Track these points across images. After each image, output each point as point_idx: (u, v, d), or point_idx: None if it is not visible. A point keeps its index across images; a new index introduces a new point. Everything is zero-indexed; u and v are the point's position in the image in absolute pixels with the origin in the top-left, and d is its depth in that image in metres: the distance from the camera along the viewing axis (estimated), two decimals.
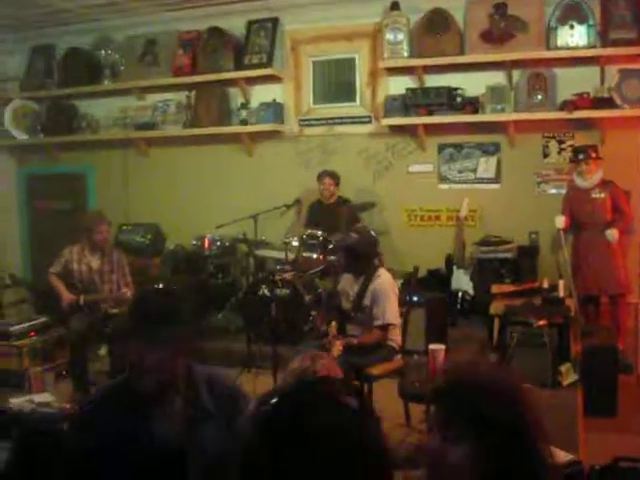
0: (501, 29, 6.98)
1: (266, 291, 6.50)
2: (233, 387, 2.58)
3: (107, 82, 8.48)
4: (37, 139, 8.95)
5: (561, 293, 6.08)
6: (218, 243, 7.71)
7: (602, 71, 6.85)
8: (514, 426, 1.47)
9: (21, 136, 8.94)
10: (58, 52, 8.85)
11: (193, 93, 8.13)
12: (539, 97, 6.94)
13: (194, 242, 7.79)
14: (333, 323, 4.99)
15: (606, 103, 6.69)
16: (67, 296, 6.26)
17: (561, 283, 6.14)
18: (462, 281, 6.95)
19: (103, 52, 8.51)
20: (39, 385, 6.28)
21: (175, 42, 8.22)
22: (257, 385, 5.78)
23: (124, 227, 8.15)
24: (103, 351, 6.82)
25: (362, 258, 5.13)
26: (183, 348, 2.28)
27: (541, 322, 5.51)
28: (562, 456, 3.29)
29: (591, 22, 6.77)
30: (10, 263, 8.83)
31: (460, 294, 6.90)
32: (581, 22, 6.79)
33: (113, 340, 6.15)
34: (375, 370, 4.86)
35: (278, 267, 6.79)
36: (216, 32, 7.92)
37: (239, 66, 7.87)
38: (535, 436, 1.50)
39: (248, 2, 7.80)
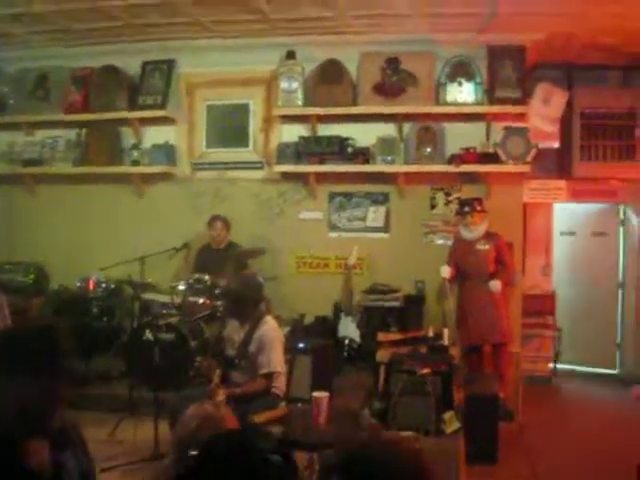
0: (393, 83, 7.17)
1: (150, 335, 6.34)
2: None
3: None
4: None
5: (445, 341, 6.19)
6: (103, 285, 7.50)
7: (488, 127, 7.15)
8: None
9: None
10: None
11: (84, 131, 7.96)
12: (428, 150, 7.14)
13: (79, 283, 7.54)
14: (217, 370, 4.92)
15: (491, 158, 6.95)
16: None
17: (445, 331, 6.26)
18: (349, 328, 6.97)
19: None
20: None
21: (68, 78, 8.04)
22: (138, 431, 5.65)
23: (6, 266, 7.85)
24: None
25: (247, 304, 5.09)
26: (52, 385, 2.21)
27: (425, 370, 5.56)
28: None
29: (478, 80, 7.06)
30: None
31: (347, 341, 6.91)
32: (469, 80, 7.07)
33: None
34: (258, 418, 4.78)
35: (164, 311, 6.67)
36: (110, 70, 7.82)
37: (133, 106, 7.79)
38: None
39: (144, 42, 7.73)
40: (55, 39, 7.83)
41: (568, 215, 8.82)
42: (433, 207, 7.31)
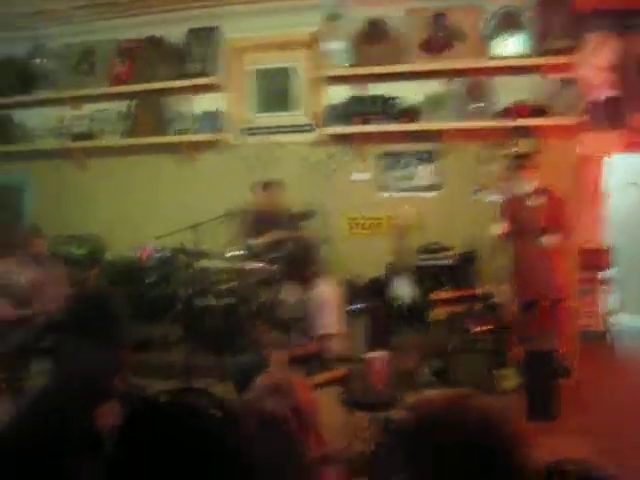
0: (439, 38, 7.06)
1: (206, 301, 6.43)
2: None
3: (42, 91, 8.32)
4: None
5: (500, 299, 6.14)
6: (158, 254, 7.62)
7: (538, 80, 6.97)
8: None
9: None
10: None
11: (132, 102, 8.02)
12: (477, 105, 7.03)
13: (133, 253, 7.68)
14: (275, 334, 4.97)
15: (542, 111, 6.81)
16: (2, 309, 6.11)
17: (500, 289, 6.21)
18: (403, 288, 6.94)
19: (38, 61, 8.35)
20: None
21: (113, 51, 8.10)
22: None
23: (61, 239, 7.98)
24: (39, 366, 6.67)
25: (302, 267, 5.10)
26: (118, 351, 2.22)
27: (481, 328, 5.56)
28: None
29: (527, 31, 6.89)
30: None
31: (401, 301, 6.90)
32: (517, 31, 6.92)
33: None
34: (317, 379, 4.83)
35: (218, 277, 6.71)
36: (155, 41, 7.86)
37: (179, 75, 7.81)
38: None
39: (188, 10, 7.74)
40: (98, 12, 7.89)
41: (627, 166, 8.59)
42: (483, 163, 7.21)
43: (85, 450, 2.07)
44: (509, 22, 6.95)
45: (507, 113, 6.86)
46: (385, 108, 7.09)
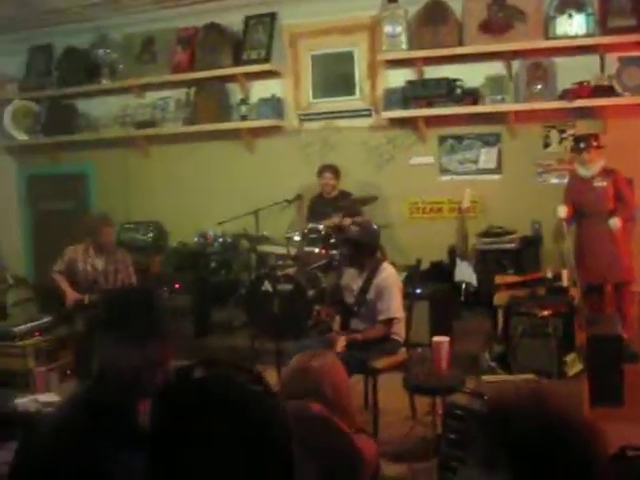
0: (500, 19, 6.94)
1: (269, 286, 6.48)
2: None
3: (105, 81, 8.47)
4: (37, 139, 8.96)
5: (565, 283, 6.06)
6: (220, 239, 7.72)
7: (602, 59, 6.82)
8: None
9: (21, 136, 8.94)
10: (56, 52, 8.85)
11: (192, 90, 8.11)
12: (539, 87, 6.92)
13: (196, 239, 7.80)
14: (337, 318, 4.99)
15: (606, 91, 6.67)
16: (72, 295, 6.27)
17: (564, 273, 6.12)
18: (465, 273, 6.91)
19: (101, 51, 8.50)
20: (44, 385, 6.29)
21: (173, 39, 8.20)
22: None
23: (126, 225, 8.14)
24: None
25: (365, 251, 5.11)
26: (157, 349, 2.22)
27: (545, 312, 5.48)
28: None
29: (590, 10, 6.74)
30: (13, 263, 8.82)
31: (463, 286, 6.87)
32: (579, 10, 6.76)
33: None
34: (379, 364, 4.85)
35: (280, 262, 6.76)
36: (214, 28, 7.90)
37: (238, 62, 7.86)
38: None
39: None
40: (158, 2, 7.99)
41: None
42: (546, 145, 7.10)
43: (127, 446, 2.09)
44: (570, 2, 6.79)
45: (569, 94, 6.73)
46: (448, 91, 7.01)
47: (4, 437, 3.58)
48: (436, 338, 4.57)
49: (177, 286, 6.60)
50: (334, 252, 6.66)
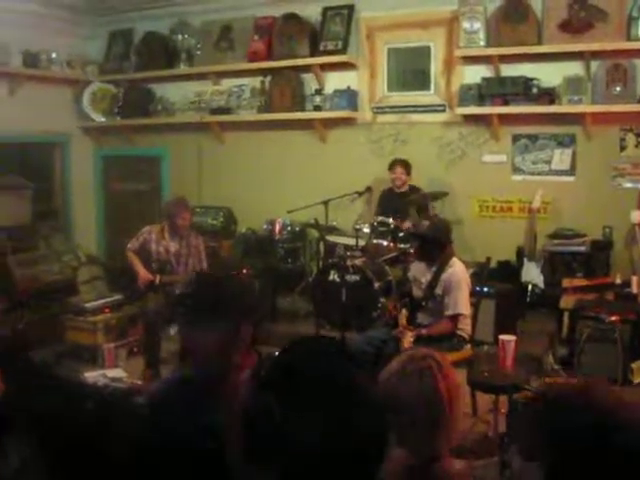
0: (580, 19, 6.84)
1: (336, 276, 6.54)
2: None
3: (183, 66, 8.63)
4: (114, 121, 9.16)
5: (634, 289, 5.98)
6: (289, 228, 7.81)
7: None
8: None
9: (99, 118, 9.15)
10: (136, 36, 9.04)
11: (268, 78, 8.19)
12: (618, 89, 6.80)
13: (265, 226, 7.91)
14: (404, 311, 5.02)
15: None
16: (144, 274, 6.42)
17: (634, 279, 6.04)
18: (532, 273, 6.87)
19: (180, 37, 8.64)
20: (112, 360, 6.44)
21: (251, 27, 8.28)
22: None
23: (197, 209, 8.27)
24: (174, 331, 6.99)
25: (436, 246, 5.13)
26: (245, 334, 2.27)
27: (613, 318, 5.43)
28: None
29: None
30: (85, 241, 9.06)
31: (530, 287, 6.82)
32: None
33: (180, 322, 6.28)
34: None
35: (348, 253, 6.81)
36: (292, 18, 7.96)
37: (314, 52, 7.90)
38: None
39: None
40: None
41: None
42: (622, 149, 6.98)
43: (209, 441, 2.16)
44: None
45: None
46: (524, 89, 6.95)
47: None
48: (503, 336, 4.57)
49: (245, 272, 6.70)
50: (402, 246, 6.69)
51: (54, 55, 8.45)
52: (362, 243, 6.84)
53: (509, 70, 7.19)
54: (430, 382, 2.17)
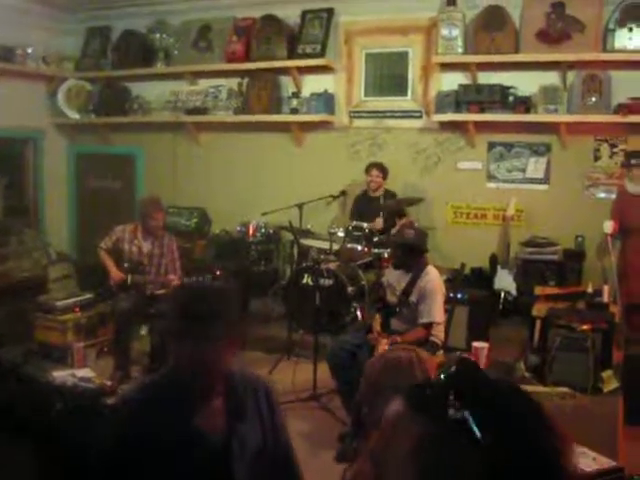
0: (557, 29, 6.89)
1: (310, 280, 6.53)
2: (263, 382, 2.53)
3: (160, 65, 8.56)
4: (89, 119, 9.07)
5: (605, 298, 6.01)
6: (263, 230, 7.80)
7: None
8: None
9: (73, 115, 9.05)
10: (114, 34, 8.95)
11: (245, 80, 8.15)
12: (593, 99, 6.86)
13: (239, 228, 7.88)
14: (377, 317, 5.02)
15: None
16: (116, 274, 6.36)
17: (606, 288, 6.08)
18: (505, 281, 6.90)
19: (158, 36, 8.59)
20: (81, 360, 6.42)
21: (229, 28, 8.24)
22: (296, 373, 5.86)
23: (171, 209, 8.22)
24: (144, 331, 6.94)
25: (415, 254, 5.13)
26: (230, 346, 2.25)
27: (585, 326, 5.45)
28: (605, 462, 3.28)
29: None
30: (56, 239, 8.96)
31: (502, 294, 6.86)
32: None
33: (156, 325, 6.24)
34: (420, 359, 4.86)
35: (322, 257, 6.81)
36: (271, 20, 7.94)
37: (292, 55, 7.88)
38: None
39: None
40: None
41: None
42: (597, 159, 7.04)
43: (188, 449, 2.14)
44: (631, 15, 6.71)
45: (623, 108, 6.67)
46: (501, 97, 6.99)
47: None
48: (476, 344, 4.59)
49: (218, 273, 6.66)
50: (376, 251, 6.69)
51: (30, 50, 8.34)
52: (336, 247, 6.84)
53: (486, 78, 7.23)
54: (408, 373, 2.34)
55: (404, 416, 1.21)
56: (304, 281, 6.66)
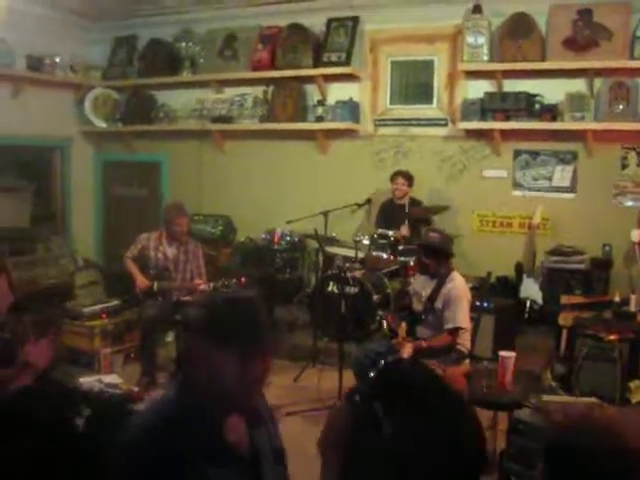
0: (584, 36, 6.86)
1: (335, 288, 6.53)
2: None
3: (186, 74, 8.61)
4: (115, 127, 9.16)
5: (633, 308, 5.95)
6: (288, 238, 7.81)
7: None
8: None
9: (100, 123, 9.13)
10: (140, 43, 9.03)
11: (271, 88, 8.18)
12: (620, 107, 6.81)
13: (264, 236, 7.91)
14: (403, 324, 5.00)
15: None
16: (141, 281, 6.39)
17: (633, 297, 6.02)
18: (531, 290, 6.85)
19: (184, 44, 8.65)
20: (108, 366, 6.45)
21: (255, 37, 8.28)
22: (321, 380, 5.86)
23: (196, 217, 8.26)
24: (171, 338, 6.96)
25: (441, 258, 5.11)
26: (264, 362, 2.09)
27: (612, 336, 5.40)
28: None
29: None
30: (82, 246, 9.04)
31: (528, 303, 6.80)
32: None
33: (185, 334, 6.25)
34: (443, 373, 4.84)
35: (347, 265, 6.80)
36: (296, 28, 7.97)
37: (318, 63, 7.90)
38: None
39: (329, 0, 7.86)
40: None
41: None
42: (624, 167, 6.98)
43: (210, 461, 2.02)
44: None
45: None
46: (526, 105, 6.96)
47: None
48: (503, 353, 4.54)
49: (243, 280, 6.67)
50: (402, 259, 6.67)
51: (58, 59, 8.44)
52: (361, 255, 6.83)
53: (512, 86, 7.21)
54: None
55: (340, 409, 1.39)
56: (329, 289, 6.66)
